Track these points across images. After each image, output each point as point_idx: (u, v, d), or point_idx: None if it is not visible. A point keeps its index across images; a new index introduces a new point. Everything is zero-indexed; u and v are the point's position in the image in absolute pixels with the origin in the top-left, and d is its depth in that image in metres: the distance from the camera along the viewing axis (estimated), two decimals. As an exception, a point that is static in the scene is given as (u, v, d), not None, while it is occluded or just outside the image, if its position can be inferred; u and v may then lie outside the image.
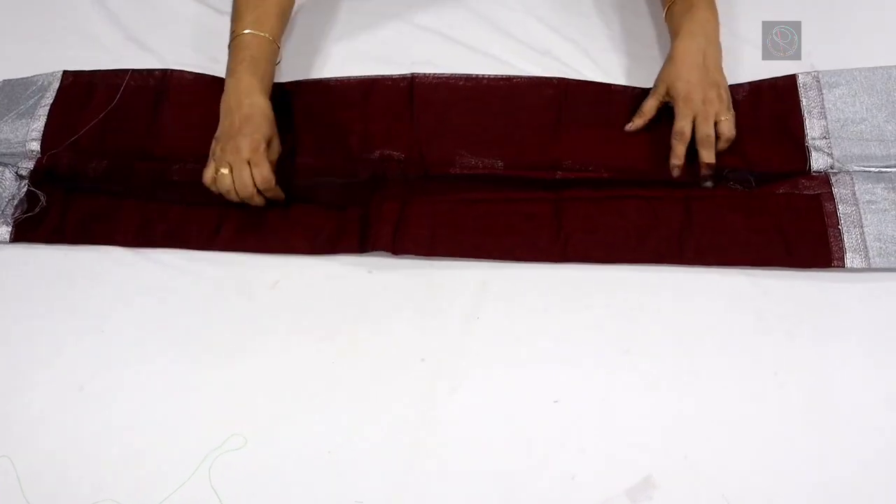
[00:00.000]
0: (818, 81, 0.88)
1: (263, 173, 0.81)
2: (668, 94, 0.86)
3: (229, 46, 0.87)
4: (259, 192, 0.83)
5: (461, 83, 0.92)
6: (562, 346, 0.77)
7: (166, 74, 0.95)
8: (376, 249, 0.82)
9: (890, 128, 0.85)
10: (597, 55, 0.97)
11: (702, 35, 0.86)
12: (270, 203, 0.85)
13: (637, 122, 0.87)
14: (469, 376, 0.76)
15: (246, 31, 0.86)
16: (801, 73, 0.89)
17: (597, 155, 0.87)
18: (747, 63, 0.93)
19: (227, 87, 0.85)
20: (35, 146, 0.91)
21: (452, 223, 0.84)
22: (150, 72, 0.95)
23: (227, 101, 0.84)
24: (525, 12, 1.01)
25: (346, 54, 0.98)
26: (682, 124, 0.84)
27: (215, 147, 0.83)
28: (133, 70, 0.95)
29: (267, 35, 0.87)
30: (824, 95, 0.87)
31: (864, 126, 0.85)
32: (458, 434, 0.73)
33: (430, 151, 0.88)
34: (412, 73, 0.93)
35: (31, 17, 1.04)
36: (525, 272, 0.82)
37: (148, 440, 0.73)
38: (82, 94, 0.94)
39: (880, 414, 0.72)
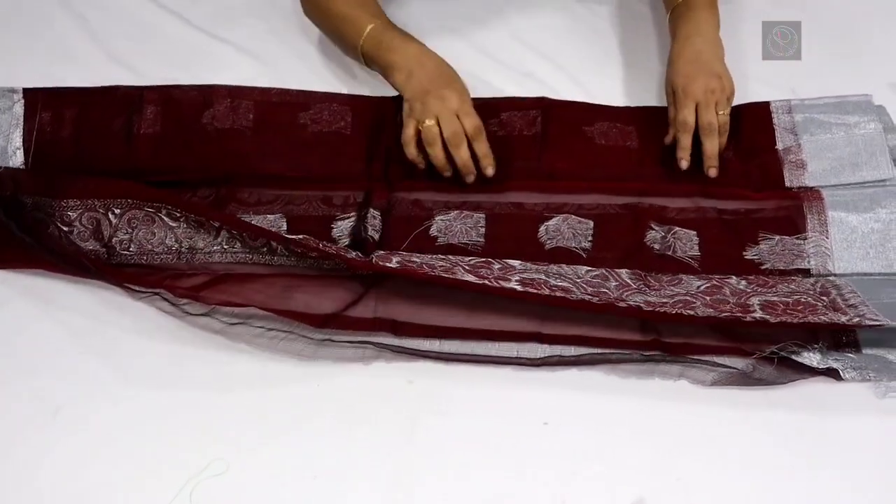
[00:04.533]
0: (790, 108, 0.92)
1: (475, 122, 0.83)
2: (673, 94, 0.87)
3: (361, 46, 0.87)
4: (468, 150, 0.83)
5: None
6: (551, 367, 0.76)
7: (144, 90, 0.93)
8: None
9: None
10: (581, 78, 0.98)
11: (697, 35, 0.88)
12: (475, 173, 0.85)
13: (671, 133, 0.88)
14: (456, 398, 0.75)
15: (372, 25, 0.87)
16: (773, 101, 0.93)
17: (578, 164, 0.89)
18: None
19: (394, 61, 0.85)
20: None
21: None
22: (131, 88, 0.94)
23: (407, 66, 0.84)
24: (509, 35, 1.03)
25: (330, 72, 0.98)
26: (685, 114, 0.85)
27: (412, 105, 0.83)
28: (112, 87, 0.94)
29: (381, 19, 0.89)
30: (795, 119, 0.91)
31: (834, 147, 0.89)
32: (445, 458, 0.72)
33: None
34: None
35: (8, 34, 1.01)
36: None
37: (126, 466, 0.71)
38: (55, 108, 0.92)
39: (872, 437, 0.73)
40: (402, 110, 0.86)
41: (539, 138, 0.91)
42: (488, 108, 0.93)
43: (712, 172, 0.87)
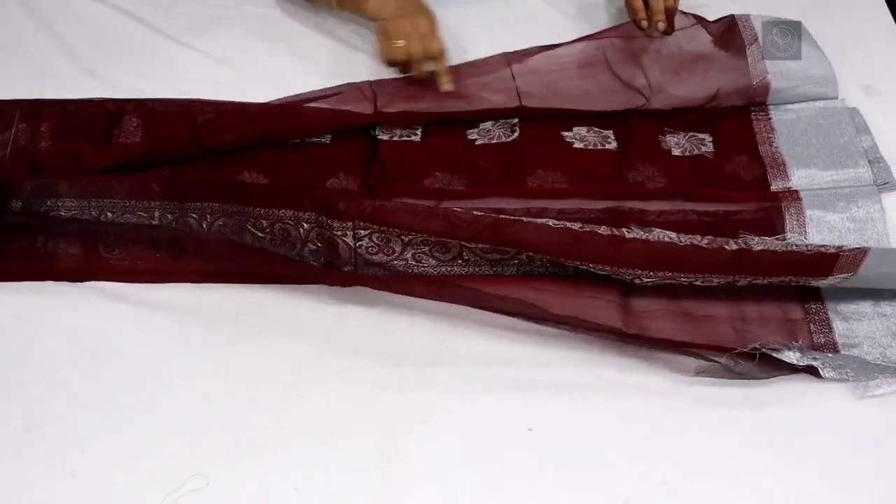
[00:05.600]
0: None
1: (439, 46, 0.92)
2: None
3: None
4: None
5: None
6: (533, 372, 0.76)
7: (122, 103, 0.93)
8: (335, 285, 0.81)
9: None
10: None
11: None
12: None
13: (641, 13, 0.94)
14: (439, 407, 0.74)
15: None
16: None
17: (557, 167, 0.89)
18: None
19: (371, 8, 0.95)
20: None
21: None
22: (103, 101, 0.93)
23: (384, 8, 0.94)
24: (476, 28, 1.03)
25: (307, 81, 0.97)
26: None
27: (387, 25, 0.92)
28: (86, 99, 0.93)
29: None
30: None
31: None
32: (428, 467, 0.71)
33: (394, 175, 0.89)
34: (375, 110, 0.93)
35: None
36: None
37: (101, 484, 0.69)
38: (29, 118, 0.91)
39: (854, 438, 0.73)
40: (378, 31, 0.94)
41: (517, 144, 0.91)
42: (467, 116, 0.93)
43: (660, 26, 0.94)
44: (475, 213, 0.77)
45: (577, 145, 0.92)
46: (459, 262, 0.81)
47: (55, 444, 0.71)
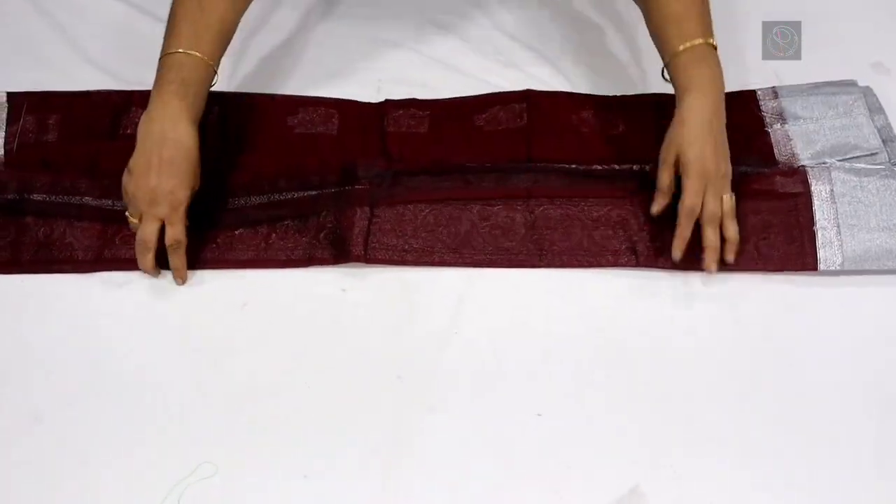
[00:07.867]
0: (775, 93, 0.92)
1: (177, 234, 0.77)
2: (678, 160, 0.78)
3: (159, 62, 0.80)
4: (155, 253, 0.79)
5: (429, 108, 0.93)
6: (542, 358, 0.76)
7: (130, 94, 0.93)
8: (349, 261, 0.81)
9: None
10: (563, 67, 0.99)
11: (713, 96, 0.78)
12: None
13: (661, 202, 0.79)
14: (448, 393, 0.74)
15: (179, 51, 0.79)
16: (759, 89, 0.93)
17: (566, 152, 0.88)
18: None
19: (151, 110, 0.78)
20: None
21: (423, 230, 0.83)
22: (109, 92, 0.93)
23: (150, 128, 0.77)
24: (492, 27, 1.03)
25: (314, 70, 0.98)
26: (695, 201, 0.76)
27: (128, 183, 0.77)
28: (93, 91, 0.93)
29: (203, 56, 0.80)
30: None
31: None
32: (437, 453, 0.71)
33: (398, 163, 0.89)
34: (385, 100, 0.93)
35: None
36: (502, 285, 0.81)
37: (111, 473, 0.70)
38: (36, 111, 0.91)
39: (861, 418, 0.72)
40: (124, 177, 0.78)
41: (526, 131, 0.91)
42: (473, 104, 0.92)
43: (713, 268, 0.78)
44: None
45: (584, 129, 0.91)
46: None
47: (63, 434, 0.72)
